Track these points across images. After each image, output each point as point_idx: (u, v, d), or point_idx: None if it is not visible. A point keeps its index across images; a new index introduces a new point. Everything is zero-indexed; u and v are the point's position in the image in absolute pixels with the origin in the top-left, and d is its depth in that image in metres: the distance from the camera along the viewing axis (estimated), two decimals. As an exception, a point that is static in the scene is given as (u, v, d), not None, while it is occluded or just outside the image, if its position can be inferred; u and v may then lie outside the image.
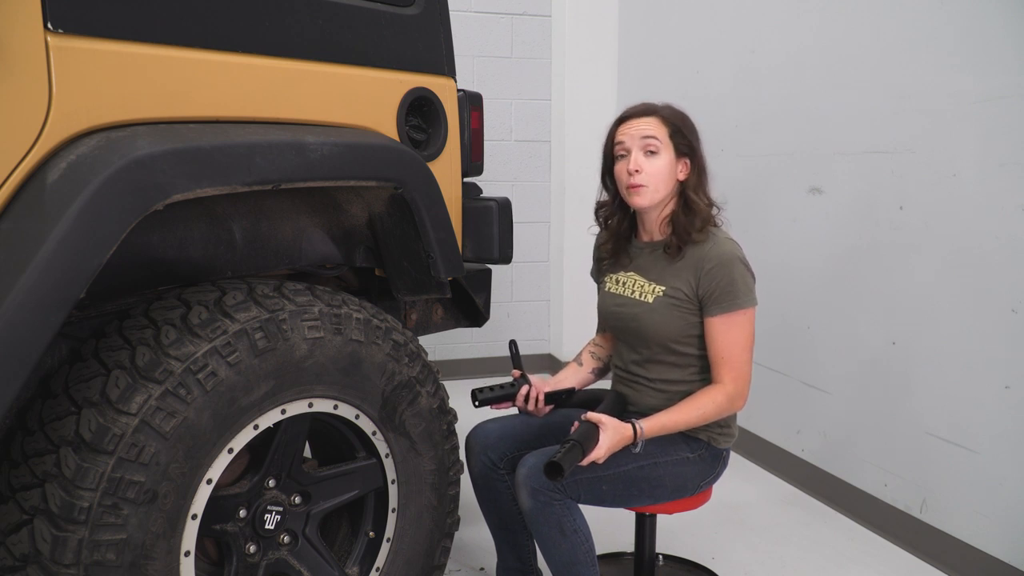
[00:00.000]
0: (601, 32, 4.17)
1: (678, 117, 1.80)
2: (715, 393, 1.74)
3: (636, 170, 1.75)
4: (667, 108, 1.81)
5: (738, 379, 1.75)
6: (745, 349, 1.76)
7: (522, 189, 4.24)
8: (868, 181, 2.55)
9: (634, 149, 1.77)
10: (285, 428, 1.53)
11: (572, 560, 1.70)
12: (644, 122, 1.78)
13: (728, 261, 1.73)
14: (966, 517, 2.25)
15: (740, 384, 1.76)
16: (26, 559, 1.24)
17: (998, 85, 2.11)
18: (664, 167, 1.76)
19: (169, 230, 1.52)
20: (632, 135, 1.77)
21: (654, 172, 1.75)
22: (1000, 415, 2.14)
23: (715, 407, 1.74)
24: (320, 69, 1.59)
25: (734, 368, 1.75)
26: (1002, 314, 2.12)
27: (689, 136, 1.78)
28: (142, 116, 1.34)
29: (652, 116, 1.78)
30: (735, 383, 1.75)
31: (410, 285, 1.79)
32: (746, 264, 1.76)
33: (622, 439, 1.67)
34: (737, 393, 1.75)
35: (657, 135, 1.76)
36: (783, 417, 3.00)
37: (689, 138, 1.78)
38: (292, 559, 1.59)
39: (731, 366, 1.75)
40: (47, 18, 1.22)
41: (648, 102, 1.83)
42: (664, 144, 1.76)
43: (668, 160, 1.77)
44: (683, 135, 1.78)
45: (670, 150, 1.77)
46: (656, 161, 1.76)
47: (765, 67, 3.03)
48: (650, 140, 1.76)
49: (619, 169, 1.80)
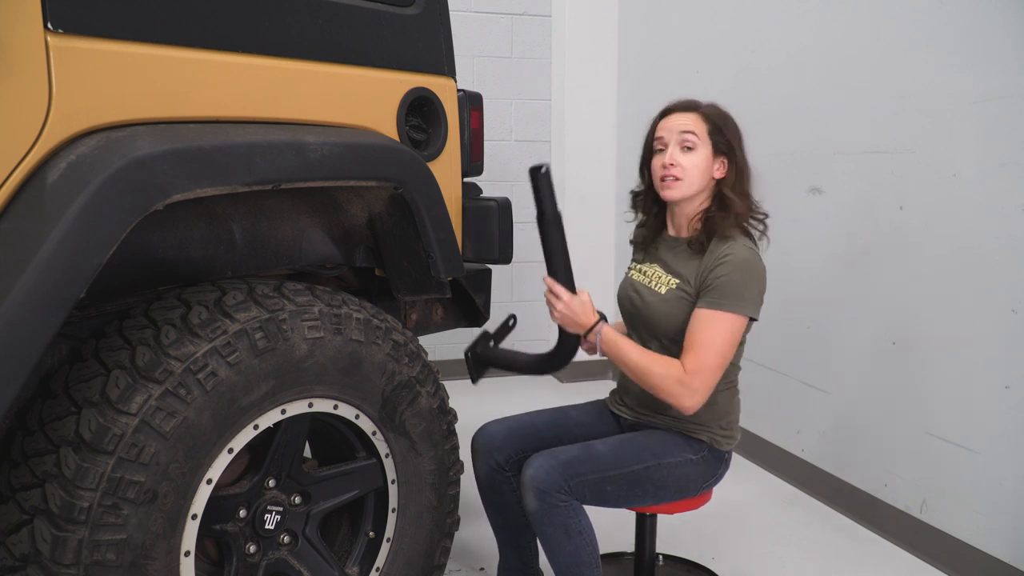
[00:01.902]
0: (601, 32, 4.16)
1: (719, 115, 1.79)
2: (673, 369, 1.67)
3: (671, 164, 1.76)
4: (710, 106, 1.81)
5: (697, 374, 1.66)
6: (718, 354, 1.67)
7: (522, 189, 4.23)
8: (868, 181, 2.55)
9: (671, 144, 1.77)
10: (285, 428, 1.53)
11: (576, 562, 1.70)
12: (684, 117, 1.78)
13: (739, 264, 1.70)
14: (966, 517, 2.25)
15: (697, 381, 1.65)
16: (26, 559, 1.24)
17: (998, 85, 2.11)
18: (700, 163, 1.76)
19: (169, 230, 1.52)
20: (671, 129, 1.78)
21: (689, 167, 1.76)
22: (1000, 415, 2.14)
23: (663, 380, 1.66)
24: (320, 69, 1.59)
25: (699, 364, 1.66)
26: (1002, 314, 2.12)
27: (728, 135, 1.77)
28: (142, 116, 1.34)
29: (693, 112, 1.78)
30: (693, 377, 1.65)
31: (410, 285, 1.79)
32: (758, 276, 1.72)
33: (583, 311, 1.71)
34: (691, 387, 1.65)
35: (695, 130, 1.76)
36: (783, 417, 3.00)
37: (728, 137, 1.77)
38: (292, 559, 1.59)
39: (697, 359, 1.67)
40: (47, 18, 1.22)
41: (692, 98, 1.83)
42: (702, 140, 1.76)
43: (704, 156, 1.76)
44: (722, 133, 1.77)
45: (708, 147, 1.76)
46: (692, 156, 1.76)
47: (765, 67, 3.03)
48: (687, 135, 1.76)
49: (656, 162, 1.81)
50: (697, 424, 1.81)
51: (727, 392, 1.84)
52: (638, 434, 1.83)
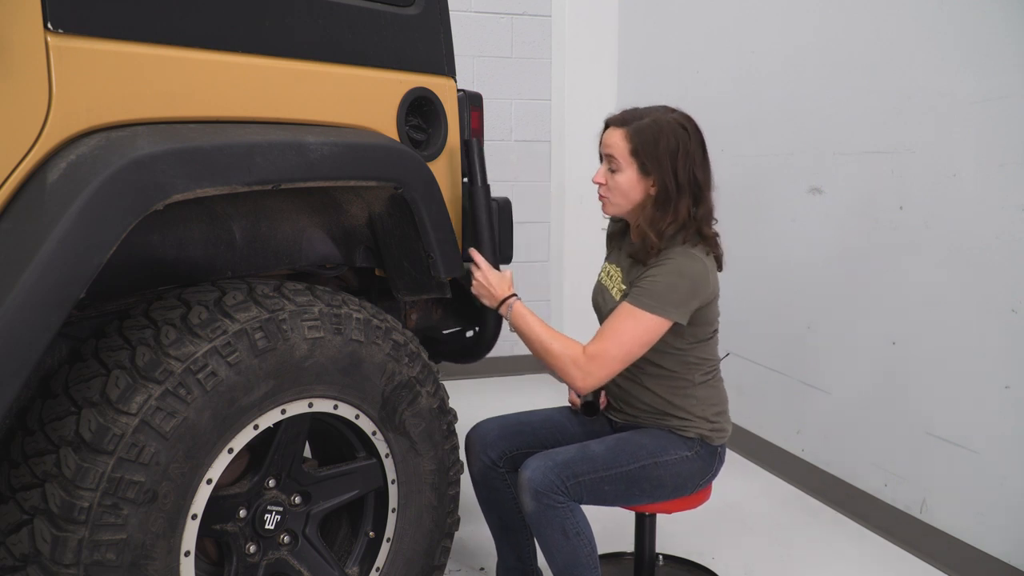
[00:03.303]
0: (601, 32, 4.16)
1: (650, 132, 1.70)
2: (571, 349, 1.70)
3: (597, 182, 1.78)
4: (643, 121, 1.72)
5: (595, 359, 1.67)
6: (621, 345, 1.68)
7: (522, 189, 4.24)
8: (868, 181, 2.55)
9: (604, 159, 1.79)
10: (285, 428, 1.53)
11: (574, 562, 1.70)
12: (614, 135, 1.75)
13: (671, 269, 1.69)
14: (966, 517, 2.25)
15: (593, 365, 1.67)
16: (26, 559, 1.24)
17: (998, 85, 2.11)
18: (623, 183, 1.75)
19: (169, 230, 1.52)
20: (605, 144, 1.78)
21: (614, 186, 1.76)
22: (1000, 415, 2.14)
23: (559, 358, 1.70)
24: (320, 69, 1.59)
25: (599, 351, 1.68)
26: (1002, 314, 2.12)
27: (648, 156, 1.70)
28: (142, 116, 1.34)
29: (623, 128, 1.74)
30: (590, 361, 1.67)
31: (410, 285, 1.79)
32: (690, 281, 1.68)
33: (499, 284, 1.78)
34: (584, 370, 1.68)
35: (617, 153, 1.74)
36: (783, 417, 3.00)
37: (647, 158, 1.70)
38: (292, 559, 1.59)
39: (599, 346, 1.68)
40: (47, 18, 1.22)
41: (636, 109, 1.78)
42: (624, 161, 1.73)
43: (629, 177, 1.74)
44: (642, 154, 1.71)
45: (632, 167, 1.73)
46: (618, 176, 1.75)
47: (765, 67, 3.03)
48: (610, 157, 1.76)
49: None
50: (683, 420, 1.81)
51: (704, 385, 1.83)
52: (634, 433, 1.83)
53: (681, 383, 1.81)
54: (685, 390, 1.81)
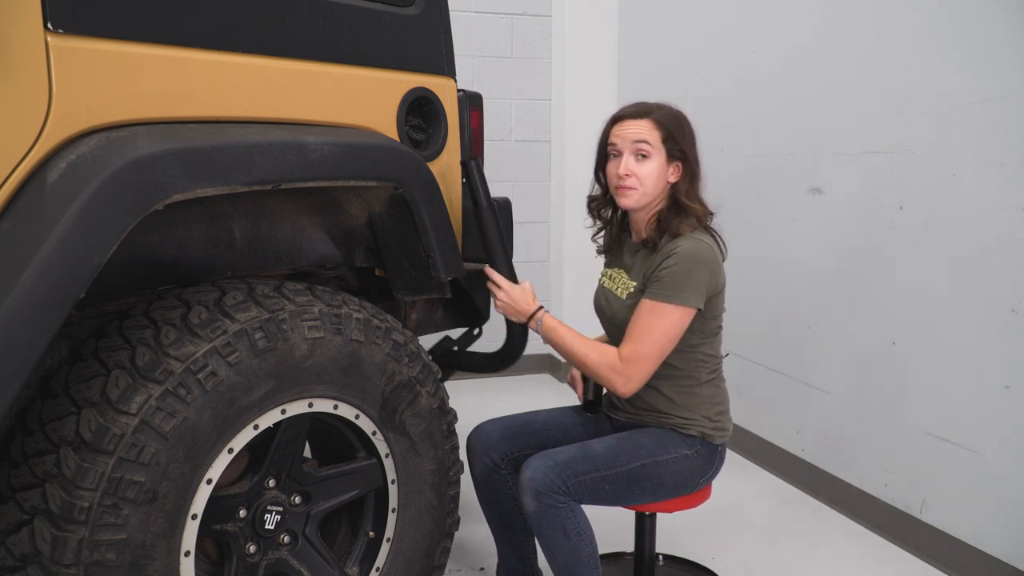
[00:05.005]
0: (601, 32, 4.16)
1: (672, 120, 1.77)
2: (608, 356, 1.72)
3: (627, 173, 1.76)
4: (662, 110, 1.79)
5: (632, 362, 1.70)
6: (654, 343, 1.70)
7: (522, 189, 4.24)
8: (868, 181, 2.55)
9: (626, 152, 1.77)
10: (285, 428, 1.53)
11: (575, 563, 1.70)
12: (637, 125, 1.77)
13: (685, 256, 1.70)
14: (966, 517, 2.25)
15: (631, 369, 1.70)
16: (26, 559, 1.24)
17: (998, 85, 2.11)
18: (655, 171, 1.76)
19: (169, 230, 1.52)
20: (624, 137, 1.77)
21: (644, 176, 1.76)
22: (1000, 415, 2.14)
23: (598, 366, 1.72)
24: (320, 69, 1.59)
25: (634, 352, 1.70)
26: (1002, 314, 2.12)
27: (681, 141, 1.76)
28: (142, 116, 1.34)
29: (646, 119, 1.77)
30: (627, 365, 1.70)
31: (410, 285, 1.79)
32: (705, 265, 1.71)
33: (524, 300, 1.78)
34: (624, 375, 1.70)
35: (649, 139, 1.75)
36: (783, 417, 3.00)
37: (681, 143, 1.76)
38: (292, 559, 1.59)
39: (632, 348, 1.70)
40: (47, 18, 1.22)
41: (644, 102, 1.82)
42: (656, 148, 1.75)
43: (659, 164, 1.76)
44: (675, 140, 1.76)
45: (662, 154, 1.76)
46: (647, 165, 1.76)
47: (765, 67, 3.03)
48: (641, 145, 1.75)
49: (610, 169, 1.81)
50: (684, 419, 1.81)
51: (709, 384, 1.84)
52: (634, 432, 1.83)
53: (688, 381, 1.81)
54: (691, 388, 1.81)
